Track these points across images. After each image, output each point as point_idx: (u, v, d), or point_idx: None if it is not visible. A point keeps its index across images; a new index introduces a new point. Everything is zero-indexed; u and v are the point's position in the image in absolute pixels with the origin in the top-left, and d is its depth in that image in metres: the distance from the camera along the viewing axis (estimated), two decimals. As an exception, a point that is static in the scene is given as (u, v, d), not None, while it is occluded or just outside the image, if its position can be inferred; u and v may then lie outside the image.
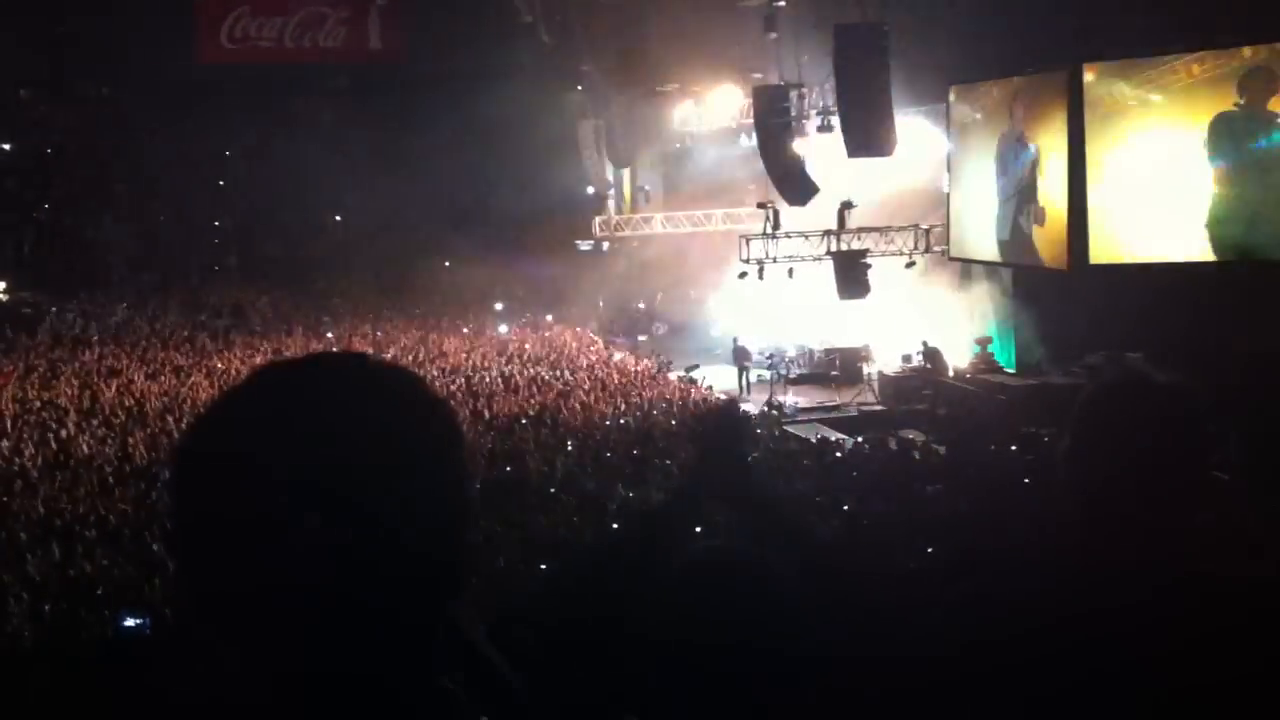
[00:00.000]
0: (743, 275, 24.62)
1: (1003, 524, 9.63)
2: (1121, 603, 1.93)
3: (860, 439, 17.96)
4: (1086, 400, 2.11)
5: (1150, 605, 1.92)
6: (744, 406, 21.50)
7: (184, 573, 1.16)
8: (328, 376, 1.20)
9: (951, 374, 22.59)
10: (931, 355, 22.66)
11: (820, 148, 23.96)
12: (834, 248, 23.58)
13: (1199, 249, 18.72)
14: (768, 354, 25.45)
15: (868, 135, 20.56)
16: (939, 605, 2.15)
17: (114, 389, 21.80)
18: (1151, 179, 19.10)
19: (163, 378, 23.40)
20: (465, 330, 30.35)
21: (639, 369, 25.02)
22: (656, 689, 1.85)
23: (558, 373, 23.87)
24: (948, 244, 24.11)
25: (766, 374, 24.68)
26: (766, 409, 21.96)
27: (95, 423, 18.91)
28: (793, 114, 23.85)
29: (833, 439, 18.57)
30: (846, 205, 23.57)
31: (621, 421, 19.26)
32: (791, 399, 23.33)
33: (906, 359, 23.65)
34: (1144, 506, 1.99)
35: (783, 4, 23.66)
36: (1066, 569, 2.04)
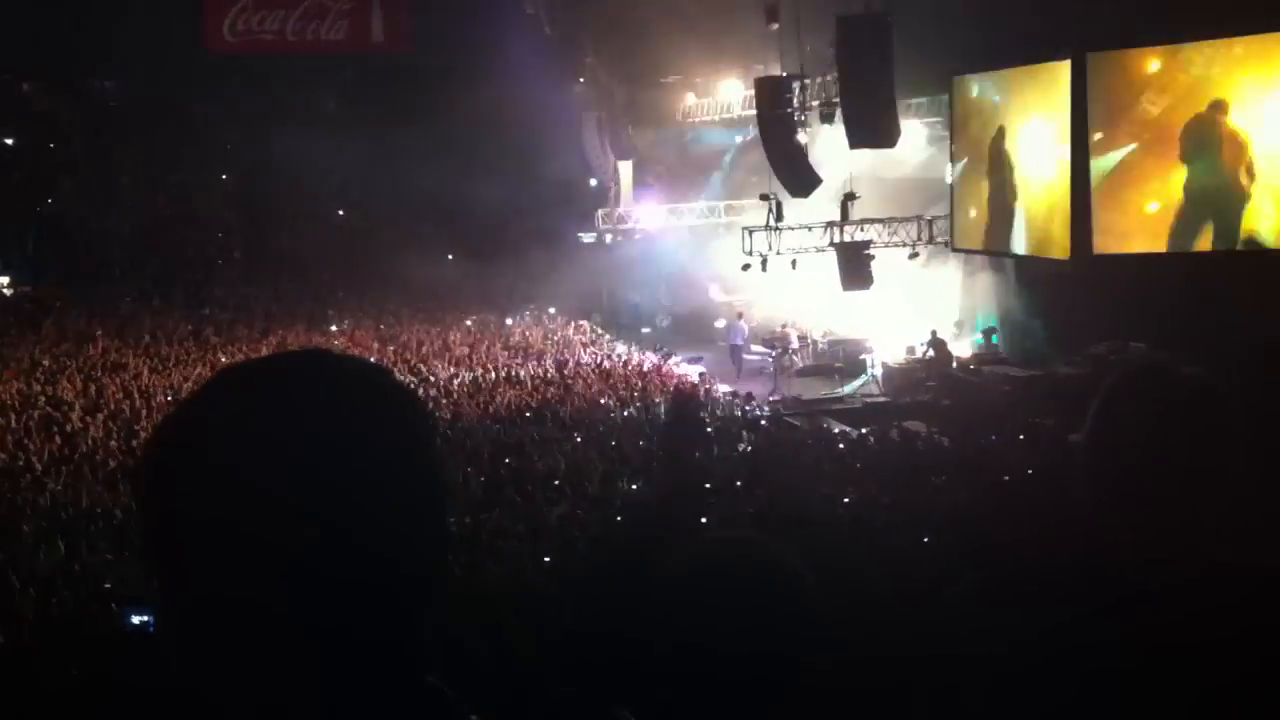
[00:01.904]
0: (746, 267, 24.62)
1: (1008, 514, 9.64)
2: (1141, 593, 1.93)
3: (864, 430, 17.96)
4: (1108, 390, 2.10)
5: (1171, 596, 1.92)
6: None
7: (154, 577, 1.15)
8: (286, 377, 1.18)
9: (955, 365, 22.58)
10: (937, 345, 22.64)
11: (823, 139, 23.93)
12: (837, 239, 23.56)
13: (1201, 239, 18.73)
14: (770, 345, 25.47)
15: (870, 126, 20.53)
16: (950, 595, 2.15)
17: (119, 383, 21.83)
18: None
19: (168, 371, 23.43)
20: (469, 323, 30.35)
21: (642, 361, 25.02)
22: (659, 679, 1.84)
23: (561, 365, 23.89)
24: (951, 235, 24.09)
25: (770, 365, 24.68)
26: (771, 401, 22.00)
27: (100, 417, 18.94)
28: (795, 105, 23.81)
29: (836, 430, 18.57)
30: (849, 197, 23.55)
31: (625, 413, 19.29)
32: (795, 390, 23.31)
33: (910, 350, 23.64)
34: (1165, 496, 1.99)
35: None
36: (1082, 560, 2.05)
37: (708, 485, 12.09)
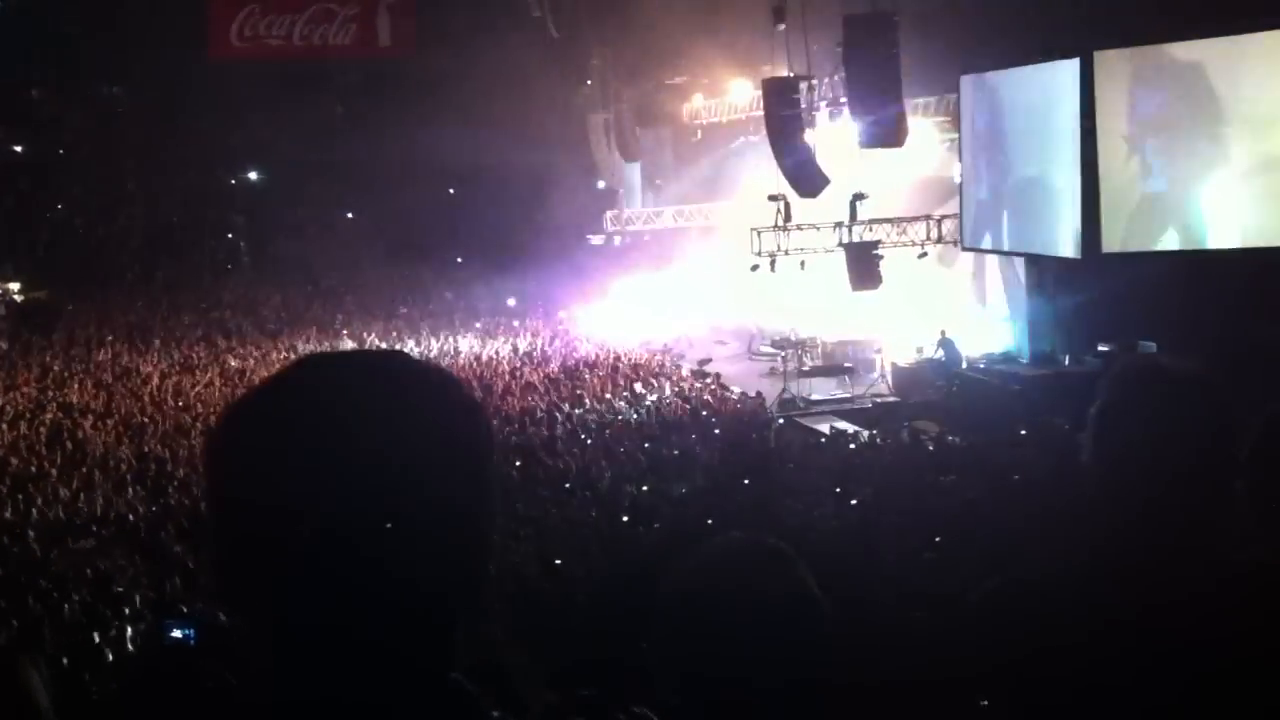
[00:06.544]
0: (754, 268, 24.63)
1: (1019, 514, 9.62)
2: (1164, 594, 1.91)
3: (874, 430, 17.93)
4: (1108, 389, 2.08)
5: (1193, 595, 1.91)
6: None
7: (214, 555, 1.18)
8: (368, 371, 1.22)
9: (965, 364, 22.53)
10: (946, 345, 22.61)
11: (831, 139, 23.89)
12: (846, 239, 23.54)
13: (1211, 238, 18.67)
14: (779, 344, 25.44)
15: (879, 126, 20.46)
16: (970, 595, 2.13)
17: (129, 388, 21.89)
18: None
19: (177, 376, 23.48)
20: (477, 326, 30.39)
21: (650, 363, 25.01)
22: (673, 678, 1.83)
23: (569, 367, 23.91)
24: (960, 234, 24.04)
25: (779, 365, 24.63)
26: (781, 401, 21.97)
27: (110, 422, 18.99)
28: (803, 105, 23.76)
29: (847, 430, 18.55)
30: (858, 197, 23.51)
31: (635, 416, 19.30)
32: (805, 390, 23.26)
33: (920, 350, 23.59)
34: (1172, 493, 1.98)
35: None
36: (1097, 562, 2.03)
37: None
